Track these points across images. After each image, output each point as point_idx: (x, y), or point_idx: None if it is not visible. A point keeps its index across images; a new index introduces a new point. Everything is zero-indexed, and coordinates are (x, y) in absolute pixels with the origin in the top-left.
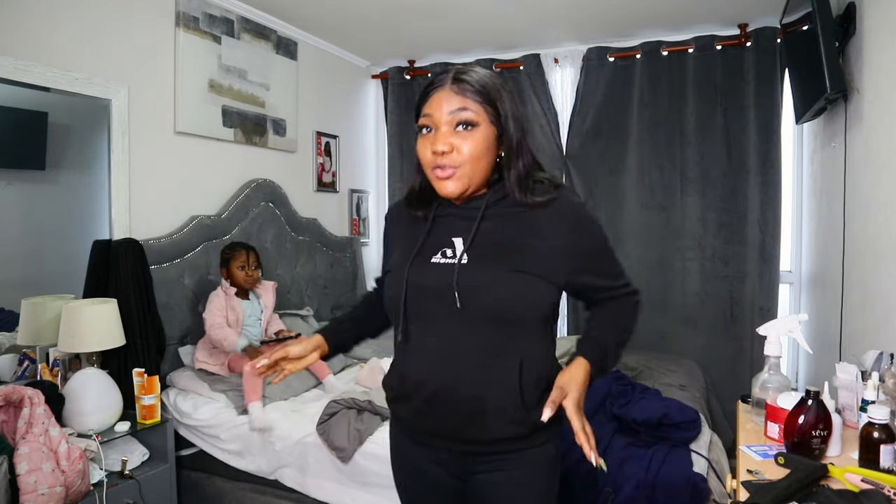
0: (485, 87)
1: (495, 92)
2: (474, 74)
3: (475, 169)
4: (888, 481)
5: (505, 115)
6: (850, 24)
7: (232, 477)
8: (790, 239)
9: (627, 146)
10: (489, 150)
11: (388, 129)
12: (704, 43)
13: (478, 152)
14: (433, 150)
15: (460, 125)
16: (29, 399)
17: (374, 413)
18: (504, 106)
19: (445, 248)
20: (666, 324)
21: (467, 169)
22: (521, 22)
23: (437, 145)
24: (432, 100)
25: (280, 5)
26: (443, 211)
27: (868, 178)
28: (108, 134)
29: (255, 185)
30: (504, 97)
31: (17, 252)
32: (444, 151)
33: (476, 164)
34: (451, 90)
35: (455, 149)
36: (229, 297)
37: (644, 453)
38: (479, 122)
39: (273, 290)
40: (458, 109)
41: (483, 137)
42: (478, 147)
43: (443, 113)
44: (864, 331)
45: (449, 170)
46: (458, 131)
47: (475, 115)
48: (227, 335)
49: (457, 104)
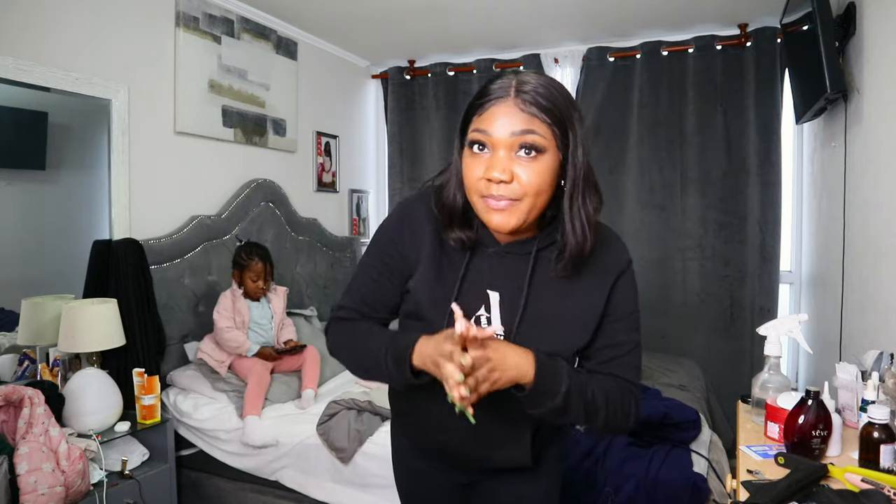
0: (556, 105)
1: (567, 112)
2: (542, 88)
3: (535, 204)
4: (888, 481)
5: (575, 142)
6: (850, 24)
7: (232, 477)
8: (790, 239)
9: (627, 146)
10: (553, 182)
11: (388, 129)
12: (704, 43)
13: (542, 186)
14: (488, 176)
15: (524, 149)
16: (29, 399)
17: (374, 413)
18: (575, 130)
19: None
20: (666, 324)
21: (526, 204)
22: (521, 22)
23: (493, 171)
24: (490, 113)
25: (280, 5)
26: (479, 249)
27: (868, 178)
28: (108, 134)
29: (255, 185)
30: (575, 119)
31: (17, 252)
32: (503, 181)
33: (537, 198)
34: (516, 105)
35: (515, 178)
36: (236, 299)
37: (644, 453)
38: (547, 149)
39: (284, 295)
40: (524, 131)
41: (549, 168)
42: (543, 179)
43: (505, 133)
44: (864, 331)
45: (505, 202)
46: (520, 157)
47: (543, 140)
48: (238, 338)
49: (522, 124)
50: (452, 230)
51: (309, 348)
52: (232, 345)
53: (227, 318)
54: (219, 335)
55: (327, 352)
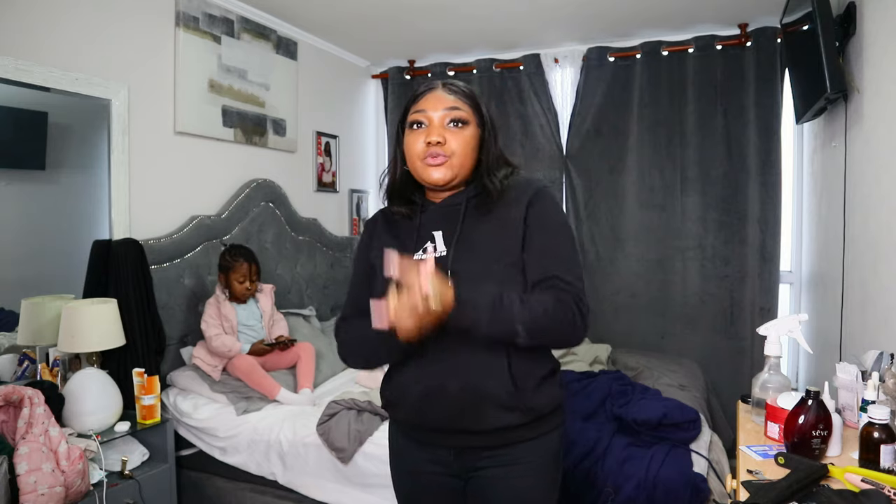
0: (472, 92)
1: (479, 98)
2: (461, 83)
3: (462, 163)
4: (888, 481)
5: (489, 120)
6: (850, 24)
7: (232, 477)
8: (790, 239)
9: (627, 146)
10: (475, 149)
11: (388, 129)
12: (704, 43)
13: (466, 148)
14: (427, 140)
15: (452, 122)
16: (29, 399)
17: (373, 413)
18: (486, 112)
19: (427, 244)
20: (666, 324)
21: (457, 160)
22: (521, 22)
23: (431, 136)
24: (426, 98)
25: (280, 5)
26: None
27: (868, 178)
28: (108, 134)
29: (255, 185)
30: (484, 104)
31: (17, 252)
32: (439, 142)
33: (465, 158)
34: (444, 91)
35: (447, 142)
36: (221, 304)
37: (644, 453)
38: (469, 122)
39: (271, 293)
40: (452, 108)
41: (472, 136)
42: (468, 143)
43: (437, 109)
44: (864, 331)
45: (441, 157)
46: (450, 128)
47: (466, 115)
48: (227, 342)
49: (450, 103)
50: (394, 203)
51: (303, 345)
52: (223, 350)
53: (215, 325)
54: (209, 344)
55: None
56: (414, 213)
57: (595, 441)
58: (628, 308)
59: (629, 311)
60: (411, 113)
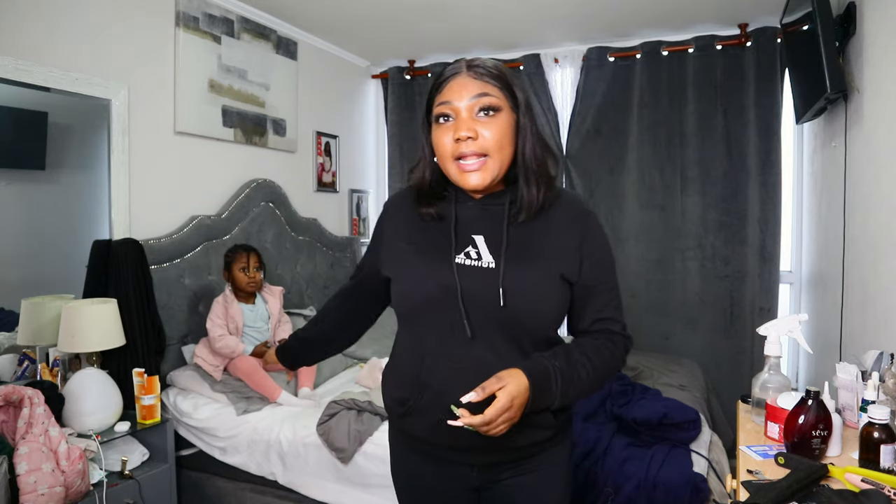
0: (502, 72)
1: (512, 78)
2: (489, 62)
3: (501, 158)
4: (888, 481)
5: (524, 102)
6: (850, 24)
7: (232, 477)
8: (790, 239)
9: (627, 146)
10: (512, 137)
11: (388, 129)
12: (704, 43)
13: (503, 140)
14: (456, 136)
15: (482, 111)
16: (29, 399)
17: (374, 413)
18: (520, 93)
19: (469, 249)
20: (666, 324)
21: (494, 158)
22: (521, 22)
23: (460, 131)
24: (449, 87)
25: (280, 5)
26: (461, 207)
27: (868, 178)
28: (108, 134)
29: (255, 185)
30: (517, 83)
31: (17, 252)
32: (470, 137)
33: (501, 152)
34: (470, 76)
35: (479, 136)
36: (228, 304)
37: (644, 453)
38: (502, 108)
39: (280, 295)
40: (480, 94)
41: (507, 123)
42: (503, 133)
43: (463, 98)
44: (864, 331)
45: (474, 161)
46: (480, 118)
47: (497, 101)
48: (230, 343)
49: (477, 89)
50: (422, 205)
51: None
52: (226, 351)
53: (220, 325)
54: (212, 343)
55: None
56: (446, 210)
57: (595, 441)
58: (628, 308)
59: (629, 312)
60: (436, 105)
